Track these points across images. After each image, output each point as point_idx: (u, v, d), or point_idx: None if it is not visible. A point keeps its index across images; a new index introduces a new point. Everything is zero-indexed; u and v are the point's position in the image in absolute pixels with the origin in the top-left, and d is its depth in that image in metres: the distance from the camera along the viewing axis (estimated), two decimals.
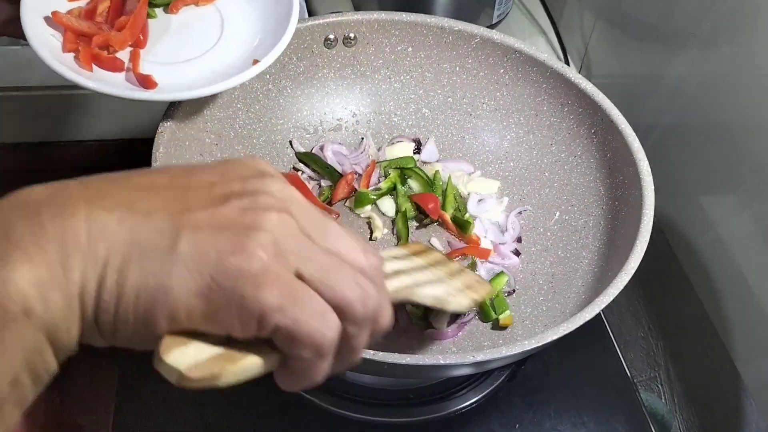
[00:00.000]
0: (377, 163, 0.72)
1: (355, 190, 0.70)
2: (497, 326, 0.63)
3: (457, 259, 0.67)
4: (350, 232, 0.35)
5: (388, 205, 0.70)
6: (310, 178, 0.71)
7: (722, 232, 0.67)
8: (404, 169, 0.71)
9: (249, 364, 0.32)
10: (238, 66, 0.57)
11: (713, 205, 0.68)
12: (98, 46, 0.55)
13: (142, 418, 0.63)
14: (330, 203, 0.69)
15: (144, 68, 0.56)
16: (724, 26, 0.65)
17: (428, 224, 0.70)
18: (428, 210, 0.68)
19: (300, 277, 0.32)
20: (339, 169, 0.71)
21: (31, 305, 0.28)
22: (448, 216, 0.69)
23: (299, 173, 0.71)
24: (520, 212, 0.70)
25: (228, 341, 0.32)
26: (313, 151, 0.72)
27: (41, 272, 0.28)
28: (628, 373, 0.70)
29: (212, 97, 0.65)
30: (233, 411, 0.64)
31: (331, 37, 0.70)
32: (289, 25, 0.58)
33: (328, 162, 0.71)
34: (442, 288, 0.54)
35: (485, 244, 0.68)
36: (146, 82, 0.55)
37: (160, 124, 0.60)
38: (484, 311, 0.63)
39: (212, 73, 0.57)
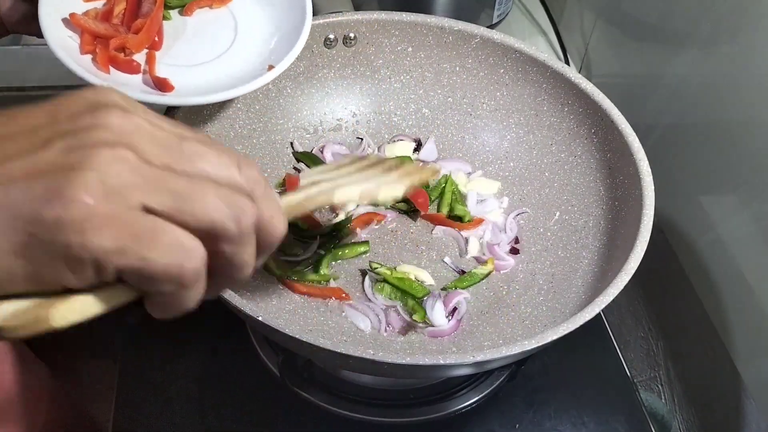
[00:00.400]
0: None
1: None
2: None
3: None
4: (219, 147, 0.32)
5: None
6: None
7: (722, 232, 0.67)
8: None
9: (85, 302, 0.30)
10: (253, 69, 0.58)
11: (713, 205, 0.68)
12: (115, 48, 0.55)
13: (142, 418, 0.63)
14: (332, 206, 0.69)
15: (160, 71, 0.56)
16: (724, 26, 0.65)
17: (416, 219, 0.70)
18: (418, 204, 0.69)
19: (150, 211, 0.29)
20: None
21: None
22: (443, 215, 0.69)
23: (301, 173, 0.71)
24: (518, 214, 0.70)
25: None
26: (313, 152, 0.72)
27: None
28: (628, 373, 0.70)
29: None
30: (233, 411, 0.64)
31: (331, 37, 0.70)
32: (304, 29, 0.59)
33: (327, 162, 0.71)
34: (371, 183, 0.51)
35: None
36: (163, 85, 0.55)
37: None
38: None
39: (227, 77, 0.58)
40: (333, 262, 0.66)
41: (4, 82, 0.76)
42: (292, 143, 0.72)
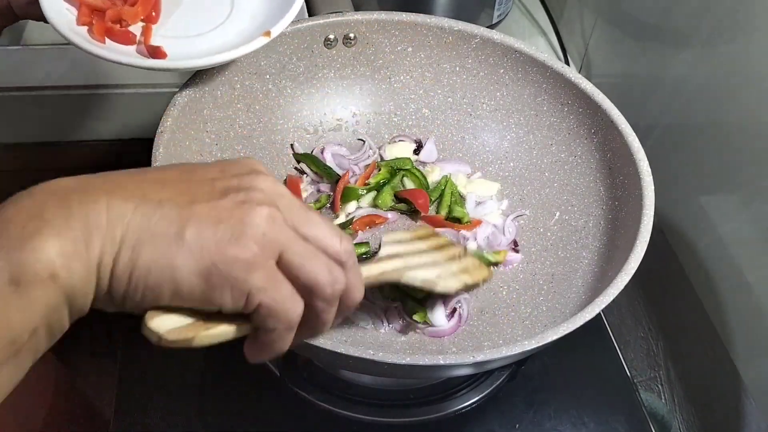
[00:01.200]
0: (377, 164, 0.72)
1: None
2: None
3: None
4: (328, 222, 0.41)
5: (387, 200, 0.71)
6: (313, 181, 0.71)
7: (722, 232, 0.67)
8: (401, 170, 0.71)
9: (220, 331, 0.39)
10: (248, 39, 0.59)
11: (713, 205, 0.68)
12: (111, 20, 0.57)
13: (142, 418, 0.63)
14: (333, 208, 0.69)
15: (155, 42, 0.58)
16: (724, 26, 0.65)
17: (417, 220, 0.70)
18: (418, 205, 0.69)
19: (281, 260, 0.38)
20: (338, 170, 0.71)
21: (56, 271, 0.34)
22: (441, 217, 0.69)
23: (303, 176, 0.71)
24: (516, 216, 0.70)
25: (208, 315, 0.39)
26: (313, 153, 0.72)
27: (67, 245, 0.34)
28: (628, 373, 0.70)
29: (212, 97, 0.65)
30: (233, 411, 0.64)
31: (331, 37, 0.70)
32: None
33: (327, 163, 0.71)
34: (434, 271, 0.58)
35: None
36: (156, 53, 0.56)
37: (160, 124, 0.60)
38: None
39: (222, 46, 0.59)
40: None
41: (4, 82, 0.76)
42: (292, 145, 0.72)
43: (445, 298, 0.63)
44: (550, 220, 0.68)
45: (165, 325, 0.38)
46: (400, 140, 0.74)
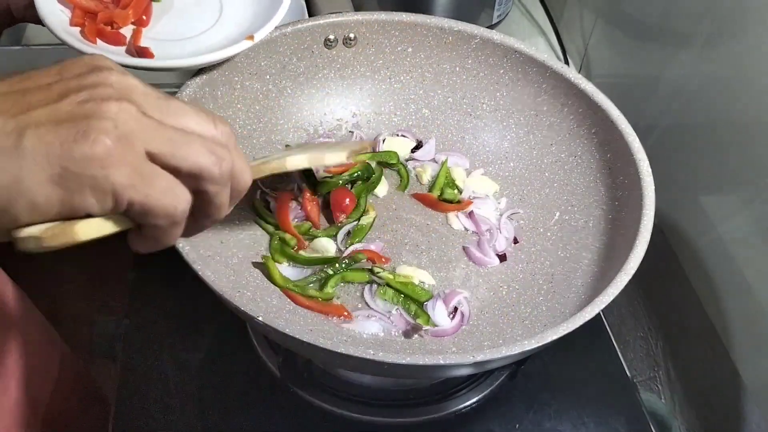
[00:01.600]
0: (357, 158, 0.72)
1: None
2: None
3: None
4: (197, 107, 0.39)
5: (382, 189, 0.71)
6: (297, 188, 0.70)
7: (722, 232, 0.67)
8: (387, 164, 0.72)
9: (100, 222, 0.36)
10: (234, 43, 0.61)
11: (713, 205, 0.68)
12: (102, 21, 0.59)
13: (142, 418, 0.63)
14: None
15: (144, 43, 0.60)
16: (724, 26, 0.65)
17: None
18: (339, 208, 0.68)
19: (150, 155, 0.36)
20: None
21: None
22: (434, 196, 0.70)
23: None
24: (511, 215, 0.70)
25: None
26: None
27: None
28: (628, 373, 0.70)
29: (212, 97, 0.65)
30: (233, 411, 0.64)
31: (331, 37, 0.70)
32: (283, 3, 0.62)
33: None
34: (317, 152, 0.58)
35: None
36: (143, 53, 0.59)
37: None
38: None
39: (208, 49, 0.61)
40: (340, 284, 0.64)
41: None
42: (287, 145, 0.72)
43: (445, 297, 0.63)
44: (550, 220, 0.68)
45: (39, 228, 0.35)
46: (402, 135, 0.74)
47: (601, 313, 0.63)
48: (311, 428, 0.64)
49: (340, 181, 0.70)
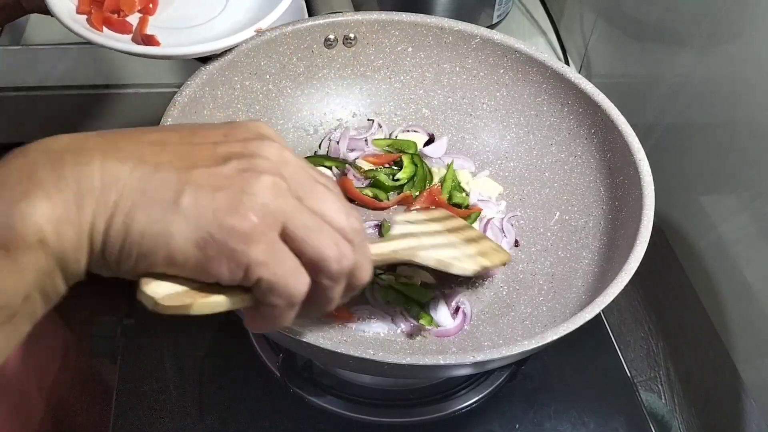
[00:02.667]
0: (375, 141, 0.73)
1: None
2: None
3: None
4: (337, 196, 0.39)
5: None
6: None
7: (722, 232, 0.67)
8: (404, 153, 0.72)
9: (219, 300, 0.37)
10: (240, 31, 0.60)
11: (713, 205, 0.68)
12: (109, 9, 0.59)
13: (142, 418, 0.63)
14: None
15: (150, 31, 0.60)
16: (724, 26, 0.65)
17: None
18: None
19: (284, 235, 0.36)
20: (349, 156, 0.72)
21: (45, 236, 0.33)
22: (443, 199, 0.70)
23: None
24: (511, 217, 0.70)
25: (208, 285, 0.37)
26: (329, 146, 0.73)
27: (57, 209, 0.33)
28: (628, 373, 0.70)
29: (212, 97, 0.65)
30: (233, 411, 0.64)
31: (331, 37, 0.70)
32: None
33: (339, 154, 0.72)
34: (449, 252, 0.56)
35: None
36: (150, 40, 0.59)
37: (160, 124, 0.60)
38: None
39: (213, 37, 0.61)
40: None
41: (4, 82, 0.76)
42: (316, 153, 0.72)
43: (447, 297, 0.63)
44: (550, 220, 0.68)
45: (161, 290, 0.36)
46: (413, 131, 0.74)
47: (602, 313, 0.63)
48: (311, 428, 0.64)
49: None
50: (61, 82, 0.77)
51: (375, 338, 0.61)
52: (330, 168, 0.71)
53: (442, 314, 0.62)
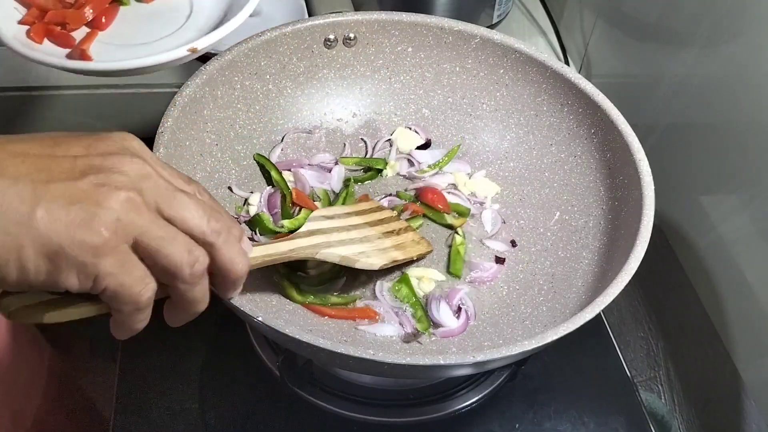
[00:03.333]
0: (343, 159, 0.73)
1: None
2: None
3: None
4: (198, 203, 0.41)
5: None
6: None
7: (722, 232, 0.67)
8: (372, 169, 0.72)
9: (71, 311, 0.40)
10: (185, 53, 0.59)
11: (713, 205, 0.69)
12: (51, 21, 0.58)
13: (142, 419, 0.63)
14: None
15: (99, 48, 0.59)
16: (724, 26, 0.65)
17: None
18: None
19: (136, 244, 0.38)
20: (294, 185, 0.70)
21: None
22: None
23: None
24: (504, 221, 0.70)
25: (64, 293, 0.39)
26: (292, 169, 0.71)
27: None
28: (628, 373, 0.70)
29: (212, 97, 0.65)
30: (233, 411, 0.64)
31: (331, 37, 0.70)
32: (239, 15, 0.60)
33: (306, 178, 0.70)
34: (356, 248, 0.58)
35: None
36: (83, 56, 0.58)
37: (160, 124, 0.60)
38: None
39: (150, 54, 0.59)
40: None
41: (3, 82, 0.76)
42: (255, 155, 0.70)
43: (447, 297, 0.63)
44: (550, 220, 0.68)
45: (17, 301, 0.39)
46: (414, 130, 0.74)
47: (602, 313, 0.63)
48: (311, 428, 0.64)
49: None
50: (61, 82, 0.76)
51: (374, 338, 0.61)
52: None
53: (445, 315, 0.62)
